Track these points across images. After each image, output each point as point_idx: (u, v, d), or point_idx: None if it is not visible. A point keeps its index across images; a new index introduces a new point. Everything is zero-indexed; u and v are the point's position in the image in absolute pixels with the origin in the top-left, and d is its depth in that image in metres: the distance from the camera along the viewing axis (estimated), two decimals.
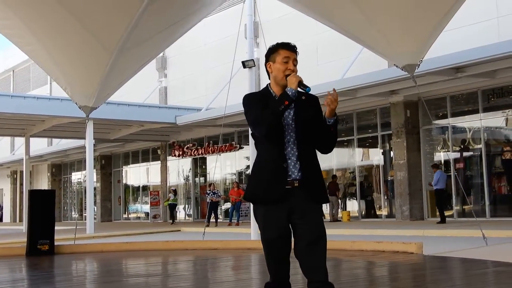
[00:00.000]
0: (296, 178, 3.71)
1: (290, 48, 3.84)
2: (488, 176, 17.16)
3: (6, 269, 9.46)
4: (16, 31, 9.68)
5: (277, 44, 3.89)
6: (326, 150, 3.95)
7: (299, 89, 3.79)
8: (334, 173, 21.77)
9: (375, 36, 9.59)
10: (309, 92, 3.92)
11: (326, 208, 22.12)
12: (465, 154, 18.28)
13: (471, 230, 12.62)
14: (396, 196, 18.79)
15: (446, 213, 18.49)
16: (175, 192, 27.41)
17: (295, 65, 3.84)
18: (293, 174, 3.71)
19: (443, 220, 16.52)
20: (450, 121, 18.12)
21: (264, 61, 4.00)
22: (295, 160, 3.74)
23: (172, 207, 26.74)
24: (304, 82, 3.78)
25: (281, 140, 3.74)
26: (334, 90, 3.85)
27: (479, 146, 17.67)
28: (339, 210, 21.54)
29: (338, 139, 20.85)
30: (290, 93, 3.69)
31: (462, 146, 18.36)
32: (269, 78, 3.97)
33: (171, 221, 26.29)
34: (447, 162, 18.48)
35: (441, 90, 17.53)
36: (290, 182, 3.70)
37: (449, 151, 18.22)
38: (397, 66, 10.13)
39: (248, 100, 3.90)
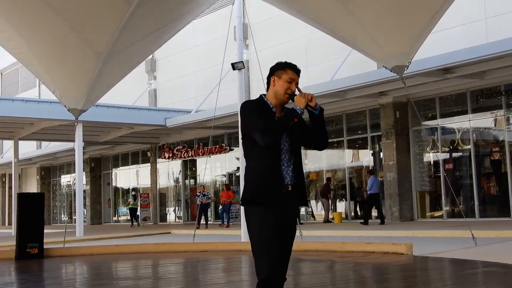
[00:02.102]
0: (289, 183, 3.97)
1: (296, 71, 4.11)
2: (477, 177, 17.23)
3: None
4: (4, 34, 9.63)
5: (286, 63, 4.15)
6: (322, 145, 4.25)
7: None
8: (326, 175, 21.81)
9: (364, 38, 9.62)
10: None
11: (317, 209, 22.17)
12: (454, 154, 18.36)
13: (460, 231, 12.67)
14: (386, 197, 18.83)
15: (436, 213, 18.59)
16: (134, 196, 28.34)
17: (296, 87, 4.09)
18: (286, 179, 3.96)
19: (366, 222, 17.61)
20: (439, 122, 18.19)
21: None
22: (288, 167, 4.00)
23: (133, 211, 27.52)
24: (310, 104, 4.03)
25: (278, 147, 3.97)
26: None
27: (468, 146, 17.75)
28: (330, 211, 21.58)
29: (329, 141, 20.86)
30: (299, 112, 3.97)
31: (451, 147, 18.43)
32: (267, 90, 4.18)
33: (132, 224, 27.20)
34: (436, 162, 18.54)
35: (430, 91, 17.59)
36: (285, 187, 3.95)
37: (438, 152, 18.28)
38: (386, 68, 10.16)
39: (251, 107, 4.07)
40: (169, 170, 29.08)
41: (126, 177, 32.74)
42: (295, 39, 21.56)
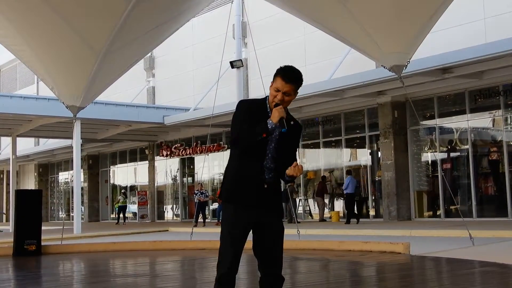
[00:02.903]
0: (269, 184, 3.95)
1: (286, 79, 3.91)
2: (475, 177, 17.26)
3: None
4: (2, 31, 9.62)
5: (282, 69, 3.97)
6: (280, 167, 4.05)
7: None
8: (323, 174, 21.83)
9: (363, 37, 9.62)
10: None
11: (315, 208, 22.18)
12: (452, 154, 18.38)
13: (458, 230, 12.70)
14: (384, 197, 18.86)
15: (433, 213, 18.61)
16: (124, 194, 29.16)
17: (287, 95, 3.92)
18: (264, 178, 3.94)
19: (348, 221, 18.27)
20: (437, 122, 18.21)
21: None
22: (269, 172, 3.96)
23: (122, 209, 28.37)
24: (285, 121, 3.89)
25: (263, 152, 3.93)
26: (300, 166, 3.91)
27: (466, 146, 17.77)
28: (327, 210, 21.61)
29: (326, 140, 20.93)
30: (269, 126, 3.85)
31: (449, 147, 18.46)
32: None
33: (118, 222, 28.03)
34: (434, 162, 18.57)
35: (428, 91, 17.61)
36: (266, 186, 3.94)
37: (436, 152, 18.31)
38: (384, 67, 10.17)
39: (242, 108, 4.01)
40: (167, 168, 29.09)
41: (124, 174, 32.73)
42: (293, 38, 21.56)
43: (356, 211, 19.07)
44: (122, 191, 29.81)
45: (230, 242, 3.86)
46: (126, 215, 28.75)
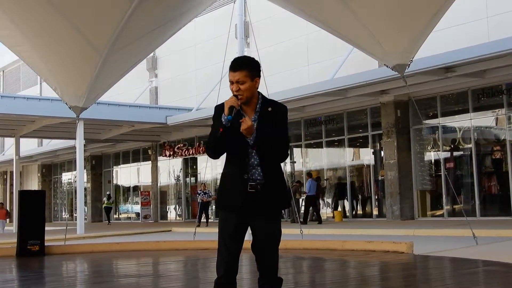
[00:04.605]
0: (257, 186, 3.87)
1: (232, 68, 3.89)
2: (478, 176, 17.23)
3: None
4: (6, 32, 9.64)
5: (230, 63, 3.94)
6: (274, 160, 3.97)
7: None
8: (326, 174, 21.83)
9: (365, 36, 9.62)
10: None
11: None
12: (455, 153, 18.36)
13: (461, 230, 12.67)
14: (387, 196, 18.84)
15: (436, 212, 18.59)
16: (109, 196, 30.04)
17: (241, 84, 3.85)
18: (255, 182, 3.87)
19: (305, 221, 19.07)
20: (440, 121, 18.18)
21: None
22: (257, 168, 3.89)
23: (107, 210, 29.63)
24: (234, 107, 3.78)
25: (244, 151, 3.88)
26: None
27: (469, 145, 17.74)
28: (329, 210, 21.60)
29: (329, 139, 20.78)
30: (223, 120, 3.81)
31: (452, 146, 18.44)
32: None
33: (109, 222, 29.18)
34: (437, 161, 18.54)
35: (431, 90, 17.59)
36: (251, 189, 3.86)
37: (439, 151, 18.28)
38: (387, 66, 10.16)
39: (214, 115, 3.99)
40: (170, 168, 29.10)
41: (127, 175, 32.76)
42: (296, 37, 21.55)
43: (315, 213, 19.99)
44: (107, 192, 30.66)
45: (224, 245, 3.90)
46: (113, 215, 30.16)
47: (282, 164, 4.09)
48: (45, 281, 8.17)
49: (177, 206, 29.22)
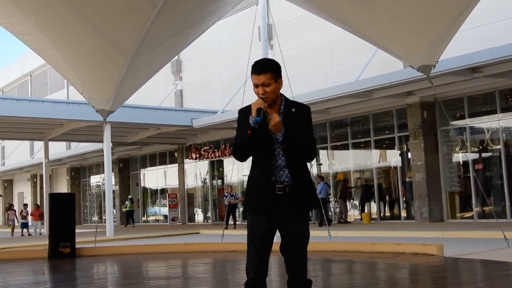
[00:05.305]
0: (285, 188, 3.89)
1: (256, 71, 3.92)
2: (507, 177, 17.00)
3: (29, 272, 9.58)
4: (33, 37, 9.78)
5: (252, 66, 3.96)
6: (302, 159, 4.00)
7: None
8: (353, 176, 21.76)
9: (390, 37, 9.57)
10: (300, 103, 4.07)
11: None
12: (484, 155, 18.16)
13: (491, 232, 12.55)
14: (415, 198, 18.70)
15: (466, 214, 18.40)
16: (131, 200, 30.15)
17: (267, 86, 3.89)
18: (282, 184, 3.89)
19: (329, 223, 18.23)
20: (468, 122, 18.01)
21: (283, 67, 4.09)
22: (284, 170, 3.92)
23: (129, 213, 29.64)
24: (263, 109, 3.81)
25: (271, 153, 3.92)
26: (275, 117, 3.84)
27: (497, 146, 17.54)
28: (357, 212, 21.53)
29: (355, 141, 20.74)
30: (251, 122, 3.83)
31: (480, 147, 18.24)
32: None
33: (130, 225, 29.20)
34: (465, 163, 18.36)
35: (458, 91, 17.42)
36: (279, 191, 3.89)
37: (467, 152, 18.11)
38: (412, 67, 10.09)
39: (238, 119, 4.05)
40: (196, 171, 29.23)
41: (154, 177, 32.98)
42: (319, 39, 21.52)
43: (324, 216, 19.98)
44: (129, 196, 30.77)
45: (253, 248, 3.93)
46: (141, 218, 29.95)
47: (308, 166, 4.10)
48: (77, 283, 8.29)
49: (204, 208, 29.34)
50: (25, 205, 30.42)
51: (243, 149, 3.93)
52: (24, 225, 28.39)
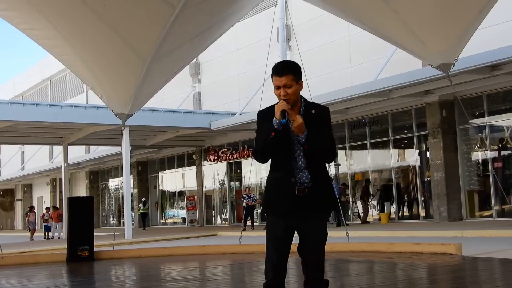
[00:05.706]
0: (305, 189, 3.90)
1: (278, 73, 3.92)
2: None
3: (48, 275, 9.64)
4: (52, 41, 9.85)
5: (273, 68, 3.97)
6: (323, 160, 4.03)
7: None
8: (371, 176, 21.66)
9: (409, 36, 9.50)
10: (320, 105, 4.11)
11: (362, 210, 21.98)
12: (503, 153, 17.98)
13: (511, 230, 12.41)
14: (434, 197, 18.57)
15: (485, 213, 18.23)
16: (144, 202, 30.29)
17: (288, 88, 3.90)
18: (302, 186, 3.90)
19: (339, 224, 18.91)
20: (487, 120, 17.84)
21: (301, 68, 4.09)
22: (304, 171, 3.92)
23: (143, 216, 29.84)
24: (286, 111, 3.82)
25: (290, 154, 3.92)
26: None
27: None
28: (375, 212, 21.42)
29: (373, 140, 20.63)
30: (275, 124, 3.83)
31: (500, 145, 18.07)
32: None
33: (142, 227, 29.38)
34: (485, 161, 18.20)
35: (477, 89, 17.28)
36: (299, 193, 3.90)
37: (486, 150, 17.94)
38: (431, 66, 10.02)
39: (257, 121, 4.08)
40: (214, 173, 29.30)
41: (173, 180, 33.11)
42: (338, 39, 21.46)
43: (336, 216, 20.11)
44: (143, 199, 30.95)
45: (273, 249, 3.94)
46: (160, 220, 30.22)
47: (327, 167, 4.10)
48: (96, 286, 8.32)
49: (222, 210, 29.39)
50: (47, 209, 30.67)
51: (265, 150, 3.94)
52: (47, 228, 28.65)
